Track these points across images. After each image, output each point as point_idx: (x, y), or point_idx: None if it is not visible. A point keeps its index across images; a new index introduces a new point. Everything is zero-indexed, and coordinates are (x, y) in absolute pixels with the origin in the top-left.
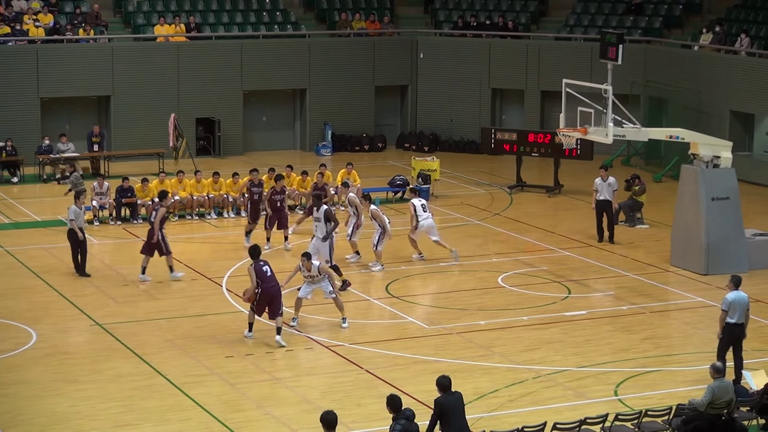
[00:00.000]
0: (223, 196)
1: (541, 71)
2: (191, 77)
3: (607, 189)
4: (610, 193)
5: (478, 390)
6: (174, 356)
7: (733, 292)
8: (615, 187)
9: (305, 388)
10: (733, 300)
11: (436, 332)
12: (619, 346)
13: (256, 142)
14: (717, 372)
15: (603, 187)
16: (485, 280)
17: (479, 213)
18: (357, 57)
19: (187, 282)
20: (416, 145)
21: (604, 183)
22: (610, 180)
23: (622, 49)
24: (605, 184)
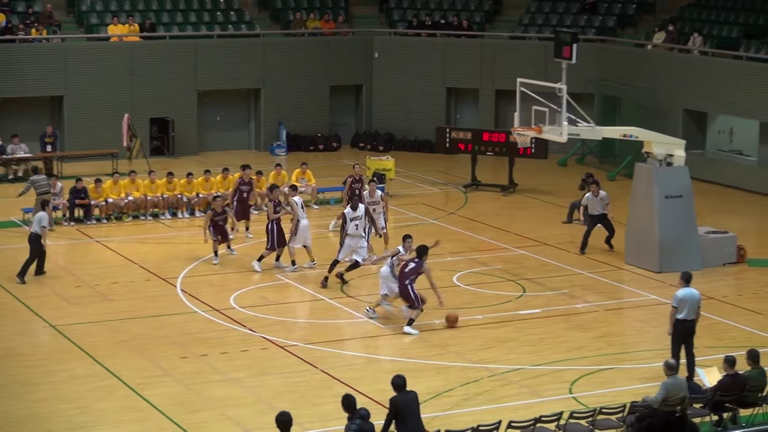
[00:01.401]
0: (177, 197)
1: (495, 70)
2: (145, 77)
3: (599, 204)
4: (603, 206)
5: (433, 389)
6: (128, 357)
7: (683, 288)
8: (607, 200)
9: (261, 388)
10: (683, 296)
11: (391, 332)
12: (574, 344)
13: (210, 142)
14: (670, 369)
15: (595, 202)
16: (440, 279)
17: (434, 212)
18: (312, 56)
19: (141, 283)
20: (371, 145)
21: (596, 198)
22: (601, 194)
23: (576, 48)
24: (597, 199)
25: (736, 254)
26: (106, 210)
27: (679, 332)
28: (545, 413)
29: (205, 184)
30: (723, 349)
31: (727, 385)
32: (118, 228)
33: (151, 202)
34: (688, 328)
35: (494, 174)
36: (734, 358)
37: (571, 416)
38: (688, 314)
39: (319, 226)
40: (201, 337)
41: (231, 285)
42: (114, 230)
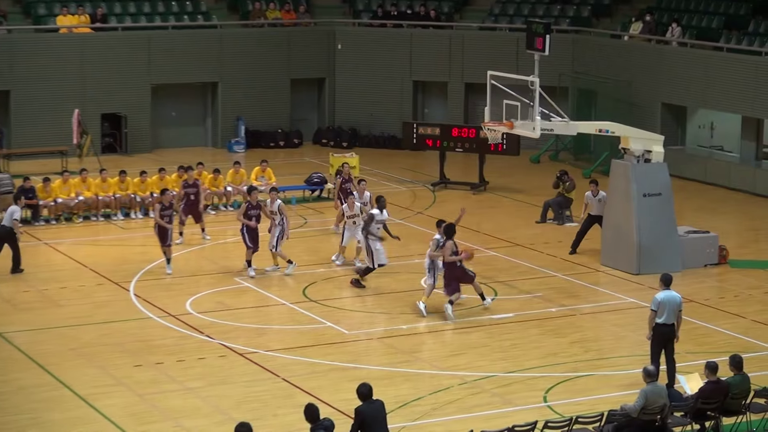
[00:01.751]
0: (131, 196)
1: (465, 63)
2: (96, 71)
3: (598, 205)
4: (601, 208)
5: (401, 398)
6: (79, 366)
7: (663, 291)
8: (605, 200)
9: (218, 398)
10: (663, 299)
11: (356, 338)
12: (548, 350)
13: (165, 138)
14: (649, 376)
15: (594, 202)
16: (407, 282)
17: (401, 212)
18: (271, 48)
19: (92, 287)
20: (334, 141)
21: (595, 198)
22: (601, 194)
23: (550, 39)
24: (596, 199)
25: (717, 255)
26: (55, 210)
27: (659, 337)
28: (519, 423)
29: (160, 183)
30: (704, 355)
31: (709, 393)
32: (68, 229)
33: (103, 202)
34: (667, 332)
35: (464, 171)
36: (716, 364)
37: (545, 426)
38: (667, 318)
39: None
40: (156, 344)
41: (187, 289)
42: (63, 232)
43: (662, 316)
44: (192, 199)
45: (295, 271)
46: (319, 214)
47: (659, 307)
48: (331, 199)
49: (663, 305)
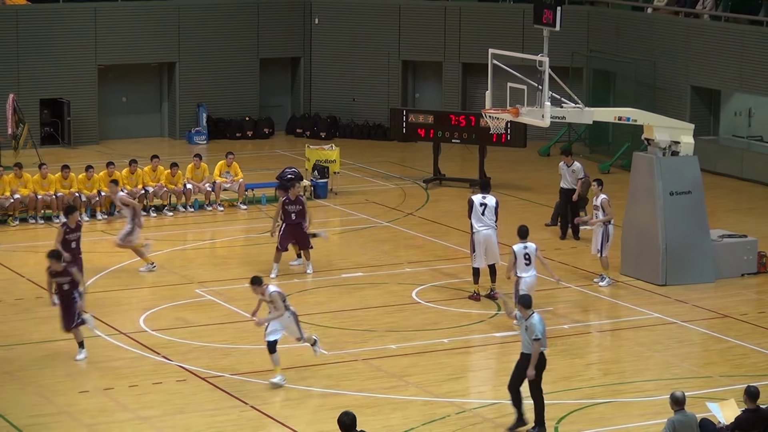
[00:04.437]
0: (75, 195)
1: (462, 40)
2: (34, 49)
3: (571, 176)
4: (574, 180)
5: (390, 428)
6: (15, 392)
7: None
8: (580, 174)
9: (177, 429)
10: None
11: (338, 358)
12: (561, 373)
13: (114, 128)
14: (677, 404)
15: (567, 173)
16: (396, 294)
17: (388, 213)
18: (237, 24)
19: (30, 300)
20: (311, 131)
21: (568, 169)
22: (575, 166)
23: (561, 13)
24: (569, 170)
25: (756, 263)
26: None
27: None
28: None
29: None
30: (742, 379)
31: (747, 422)
32: (2, 233)
33: (43, 201)
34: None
35: (461, 166)
36: (756, 390)
37: None
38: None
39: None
40: (104, 366)
41: (141, 303)
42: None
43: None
44: (294, 219)
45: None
46: None
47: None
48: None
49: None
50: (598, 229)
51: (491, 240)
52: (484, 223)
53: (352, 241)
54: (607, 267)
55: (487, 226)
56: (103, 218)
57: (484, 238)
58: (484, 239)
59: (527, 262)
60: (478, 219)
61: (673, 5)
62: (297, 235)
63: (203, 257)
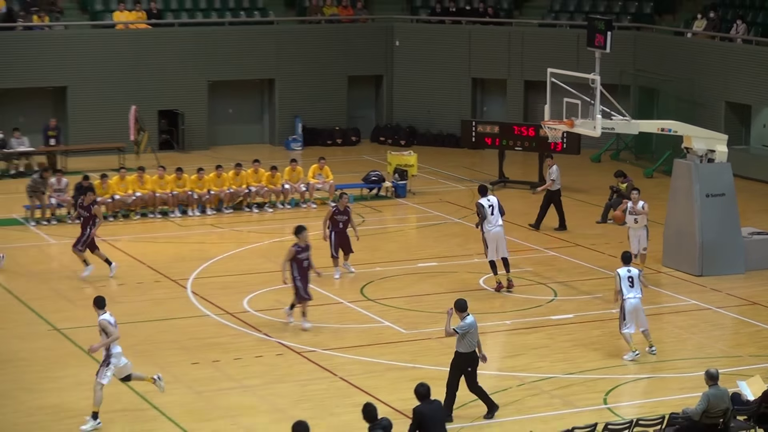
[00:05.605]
0: (188, 193)
1: (524, 60)
2: (153, 67)
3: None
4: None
5: (459, 399)
6: (136, 363)
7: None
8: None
9: (276, 396)
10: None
11: (414, 337)
12: (609, 351)
13: (221, 135)
14: (712, 379)
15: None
16: (465, 281)
17: (459, 211)
18: (329, 45)
19: (149, 284)
20: (392, 139)
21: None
22: (552, 169)
23: (611, 37)
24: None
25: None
26: (113, 207)
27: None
28: (578, 425)
29: (217, 181)
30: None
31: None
32: (126, 226)
33: (160, 199)
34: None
35: (523, 170)
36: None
37: (606, 428)
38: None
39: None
40: (213, 341)
41: (244, 287)
42: (121, 228)
43: (469, 344)
44: (341, 228)
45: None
46: (377, 213)
47: (469, 332)
48: (389, 197)
49: (473, 331)
50: (642, 231)
51: (501, 236)
52: (493, 223)
53: (427, 235)
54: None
55: (496, 225)
56: (212, 214)
57: (495, 236)
58: (495, 236)
59: (631, 285)
60: (487, 220)
61: (710, 30)
62: (343, 240)
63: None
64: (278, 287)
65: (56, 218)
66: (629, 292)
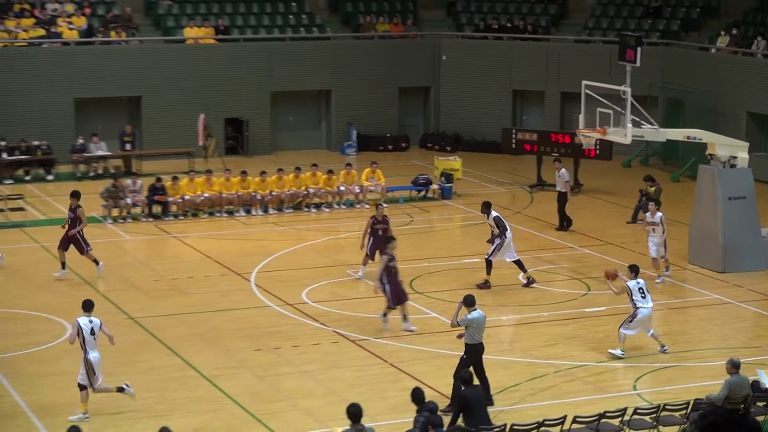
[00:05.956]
0: (251, 194)
1: (561, 73)
2: (220, 78)
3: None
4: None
5: (500, 384)
6: (204, 349)
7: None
8: (566, 178)
9: (331, 380)
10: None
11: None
12: (638, 342)
13: (283, 141)
14: (734, 367)
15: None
16: (506, 277)
17: (500, 211)
18: (381, 59)
19: (216, 277)
20: (439, 145)
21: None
22: (561, 172)
23: (641, 52)
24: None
25: None
26: (183, 207)
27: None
28: (610, 409)
29: (278, 183)
30: None
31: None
32: (194, 224)
33: (226, 199)
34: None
35: None
36: None
37: (635, 412)
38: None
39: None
40: (274, 330)
41: (303, 280)
42: (190, 226)
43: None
44: (380, 235)
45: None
46: (425, 213)
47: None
48: (436, 199)
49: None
50: (661, 239)
51: (511, 243)
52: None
53: (470, 234)
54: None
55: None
56: (273, 213)
57: (509, 242)
58: (509, 243)
59: (642, 296)
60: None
61: (732, 46)
62: (380, 245)
63: (352, 245)
64: (333, 280)
65: (131, 216)
66: (641, 302)
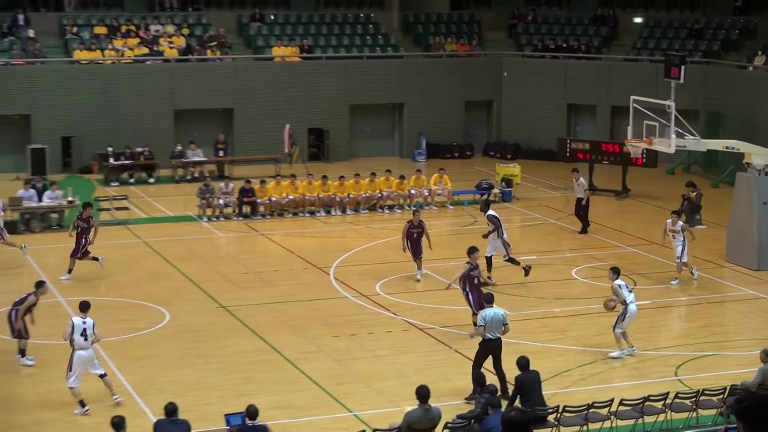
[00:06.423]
0: (331, 197)
1: (611, 89)
2: (304, 92)
3: (577, 188)
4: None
5: (554, 369)
6: (287, 335)
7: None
8: (585, 186)
9: (402, 365)
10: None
11: (517, 317)
12: (679, 332)
13: (360, 149)
14: (767, 356)
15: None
16: (560, 272)
17: (555, 213)
18: (449, 75)
19: (299, 271)
20: (500, 153)
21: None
22: (580, 180)
23: (684, 70)
24: (576, 183)
25: None
26: (270, 207)
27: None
28: (653, 393)
29: (355, 186)
30: None
31: None
32: (280, 223)
33: (309, 201)
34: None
35: (609, 180)
36: None
37: (676, 396)
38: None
39: (453, 224)
40: (350, 319)
41: (377, 274)
42: (276, 225)
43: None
44: (415, 238)
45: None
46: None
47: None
48: (497, 201)
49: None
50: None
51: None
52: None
53: (528, 233)
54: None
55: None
56: (351, 214)
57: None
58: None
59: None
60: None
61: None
62: (415, 248)
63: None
64: (404, 274)
65: (223, 216)
66: (630, 297)
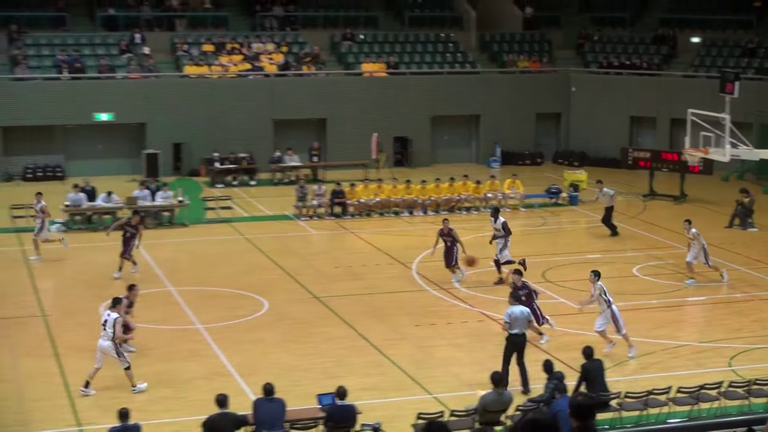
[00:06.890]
0: (414, 199)
1: (671, 102)
2: (390, 104)
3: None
4: (606, 200)
5: (616, 358)
6: (374, 324)
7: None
8: (611, 193)
9: (477, 352)
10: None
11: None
12: (733, 326)
13: (440, 156)
14: None
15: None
16: (622, 270)
17: (618, 216)
18: (521, 89)
19: (384, 265)
20: (568, 161)
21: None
22: (605, 190)
23: (738, 85)
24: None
25: None
26: (359, 208)
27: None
28: (708, 382)
29: (436, 190)
30: None
31: None
32: (367, 222)
33: (393, 202)
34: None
35: (668, 186)
36: None
37: (730, 385)
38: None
39: (525, 225)
40: (431, 310)
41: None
42: (364, 224)
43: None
44: (448, 246)
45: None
46: (556, 216)
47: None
48: (565, 205)
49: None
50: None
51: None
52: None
53: (593, 234)
54: (692, 271)
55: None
56: (431, 214)
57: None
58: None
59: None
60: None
61: None
62: (447, 256)
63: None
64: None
65: (317, 215)
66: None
